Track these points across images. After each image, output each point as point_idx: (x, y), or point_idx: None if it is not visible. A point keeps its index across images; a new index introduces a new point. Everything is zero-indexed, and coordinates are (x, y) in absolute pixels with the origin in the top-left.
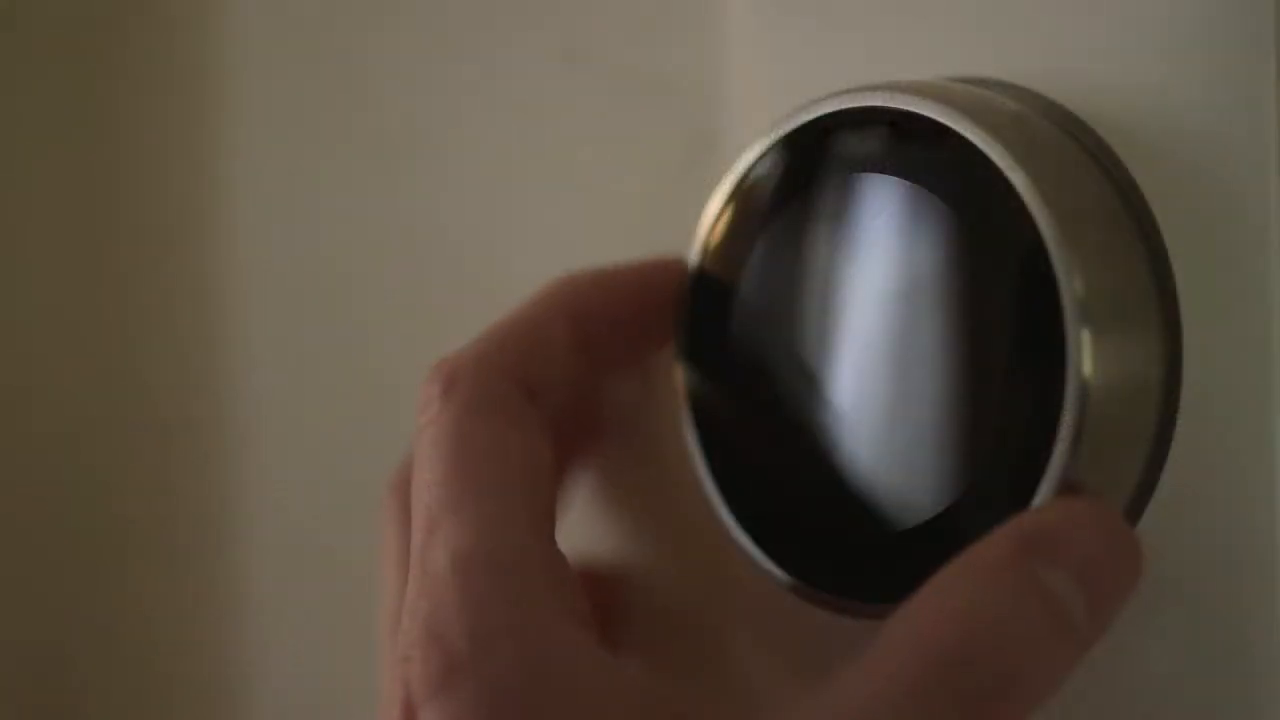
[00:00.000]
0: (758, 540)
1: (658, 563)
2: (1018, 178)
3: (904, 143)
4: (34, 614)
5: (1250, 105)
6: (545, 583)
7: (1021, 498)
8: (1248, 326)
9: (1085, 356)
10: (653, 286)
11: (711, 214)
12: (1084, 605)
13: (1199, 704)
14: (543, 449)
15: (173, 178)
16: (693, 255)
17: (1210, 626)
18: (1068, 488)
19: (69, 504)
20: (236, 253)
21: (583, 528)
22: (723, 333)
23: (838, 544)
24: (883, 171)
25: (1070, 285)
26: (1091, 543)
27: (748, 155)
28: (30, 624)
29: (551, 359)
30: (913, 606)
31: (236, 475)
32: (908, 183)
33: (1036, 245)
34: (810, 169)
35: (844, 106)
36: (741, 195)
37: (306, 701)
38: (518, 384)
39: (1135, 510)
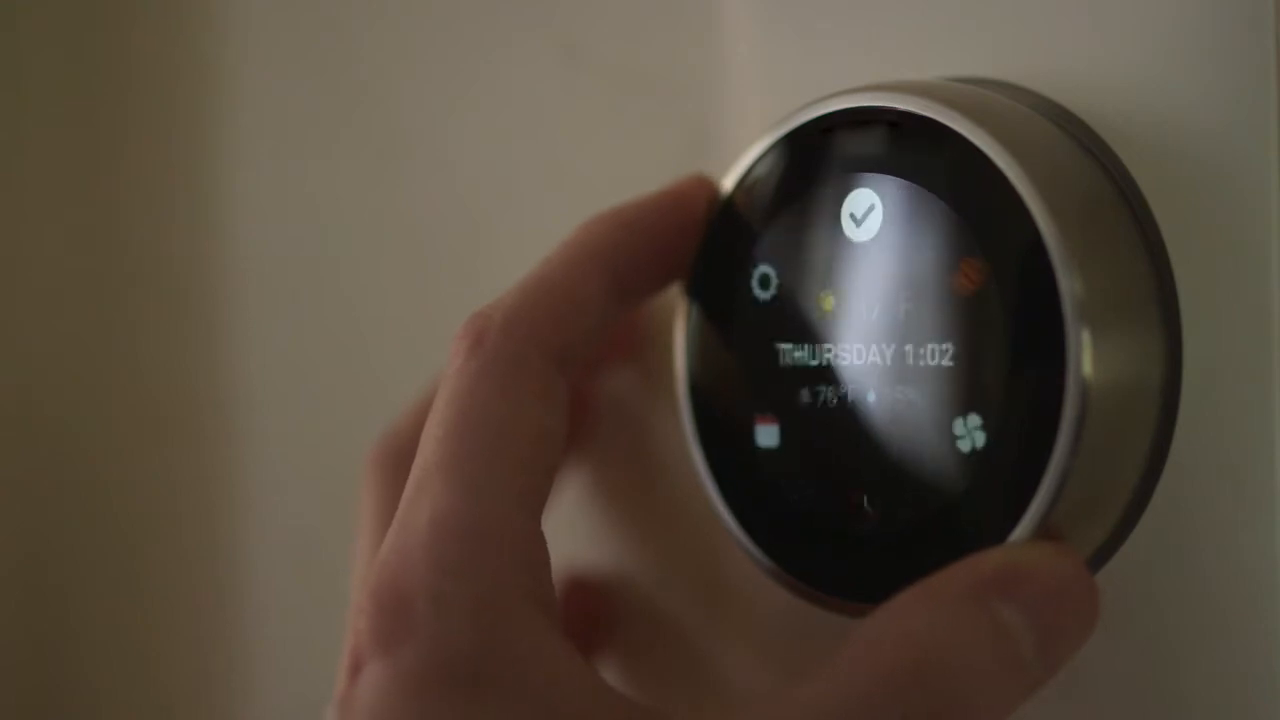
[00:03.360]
0: (757, 539)
1: (651, 561)
2: (1017, 177)
3: (904, 143)
4: (34, 613)
5: (1250, 105)
6: (517, 560)
7: (1022, 498)
8: (1248, 326)
9: (1085, 356)
10: (683, 214)
11: (713, 213)
12: (1034, 644)
13: (1199, 703)
14: (556, 422)
15: (173, 177)
16: (693, 254)
17: (1210, 626)
18: (1045, 534)
19: (69, 503)
20: (237, 252)
21: (576, 523)
22: (724, 332)
23: (838, 544)
24: (883, 171)
25: (1070, 285)
26: (1048, 585)
27: (748, 155)
28: (31, 623)
29: (585, 320)
30: (872, 625)
31: (238, 475)
32: (908, 183)
33: (1036, 245)
34: (810, 169)
35: (844, 106)
36: (742, 194)
37: (307, 701)
38: (548, 349)
39: (1135, 510)
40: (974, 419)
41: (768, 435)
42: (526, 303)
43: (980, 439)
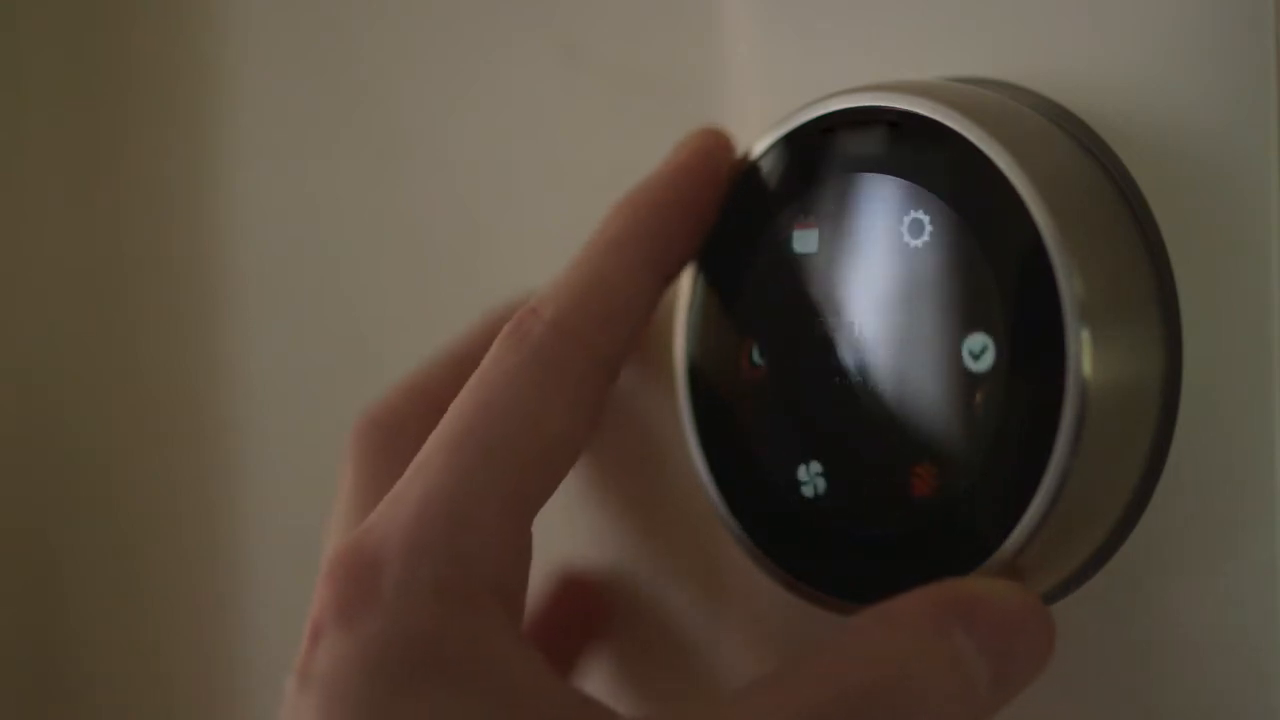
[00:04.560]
0: (758, 540)
1: (650, 558)
2: (1017, 177)
3: (904, 143)
4: (35, 613)
5: (1250, 105)
6: (494, 554)
7: (1022, 498)
8: (1248, 326)
9: (1085, 356)
10: (706, 176)
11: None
12: (987, 675)
13: (1199, 703)
14: (577, 430)
15: (173, 177)
16: (694, 254)
17: (1210, 626)
18: (1010, 572)
19: (69, 503)
20: (237, 252)
21: (575, 520)
22: (724, 332)
23: (838, 544)
24: (883, 171)
25: (1070, 285)
26: (1005, 619)
27: (749, 155)
28: (31, 623)
29: (633, 320)
30: (833, 642)
31: (238, 475)
32: (908, 183)
33: (1036, 245)
34: (811, 168)
35: (844, 106)
36: (742, 194)
37: None
38: (592, 354)
39: (1135, 510)
40: (975, 420)
41: (770, 439)
42: (577, 303)
43: (981, 439)
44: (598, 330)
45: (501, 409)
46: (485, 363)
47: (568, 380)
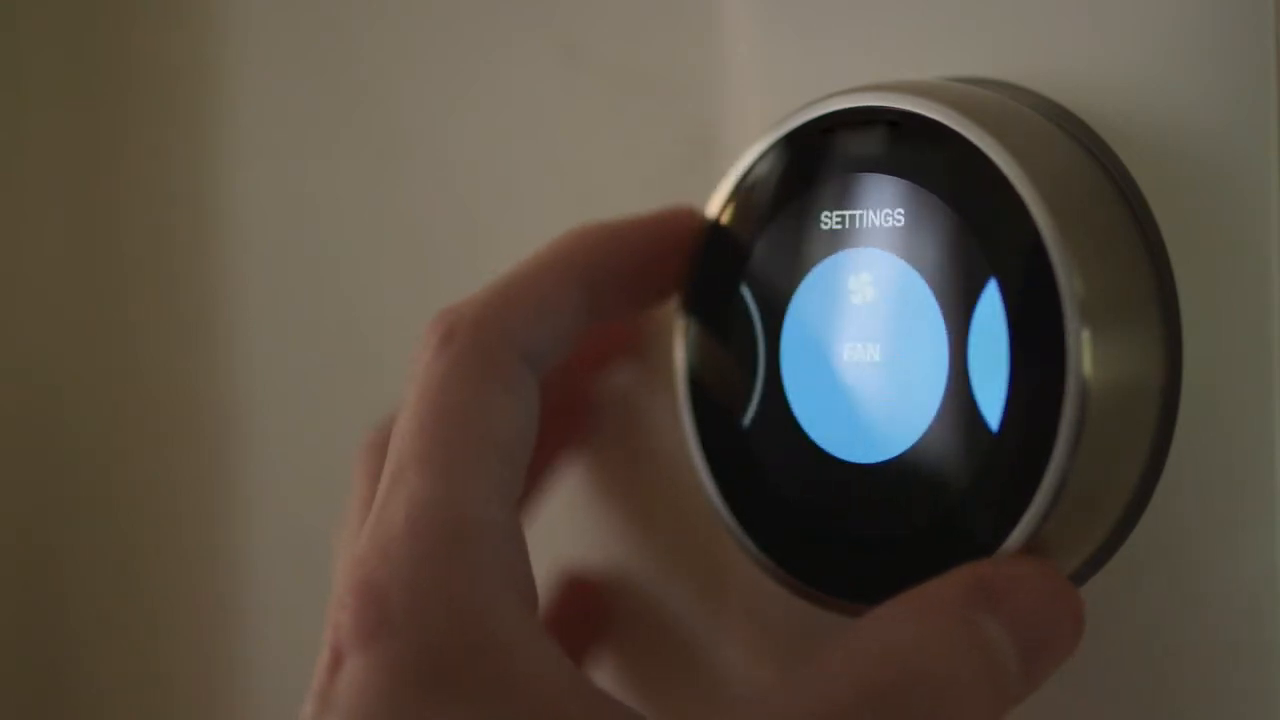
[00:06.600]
0: (758, 541)
1: (651, 559)
2: (1017, 177)
3: (904, 143)
4: (35, 613)
5: (1250, 105)
6: (495, 552)
7: (1022, 498)
8: (1248, 326)
9: (1085, 356)
10: (667, 238)
11: (712, 213)
12: (1016, 659)
13: (1197, 704)
14: (527, 418)
15: (173, 177)
16: (693, 255)
17: (1210, 626)
18: (1033, 545)
19: (69, 503)
20: (237, 252)
21: (576, 522)
22: (724, 332)
23: (838, 544)
24: (883, 171)
25: (1070, 285)
26: (1032, 602)
27: (749, 155)
28: (31, 623)
29: (555, 325)
30: (854, 635)
31: (237, 476)
32: (908, 183)
33: (1036, 245)
34: (811, 169)
35: (844, 106)
36: (742, 195)
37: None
38: (517, 347)
39: (1135, 510)
40: (974, 419)
41: (769, 438)
42: (498, 301)
43: (981, 439)
44: (517, 327)
45: (452, 409)
46: (417, 369)
47: (501, 370)
